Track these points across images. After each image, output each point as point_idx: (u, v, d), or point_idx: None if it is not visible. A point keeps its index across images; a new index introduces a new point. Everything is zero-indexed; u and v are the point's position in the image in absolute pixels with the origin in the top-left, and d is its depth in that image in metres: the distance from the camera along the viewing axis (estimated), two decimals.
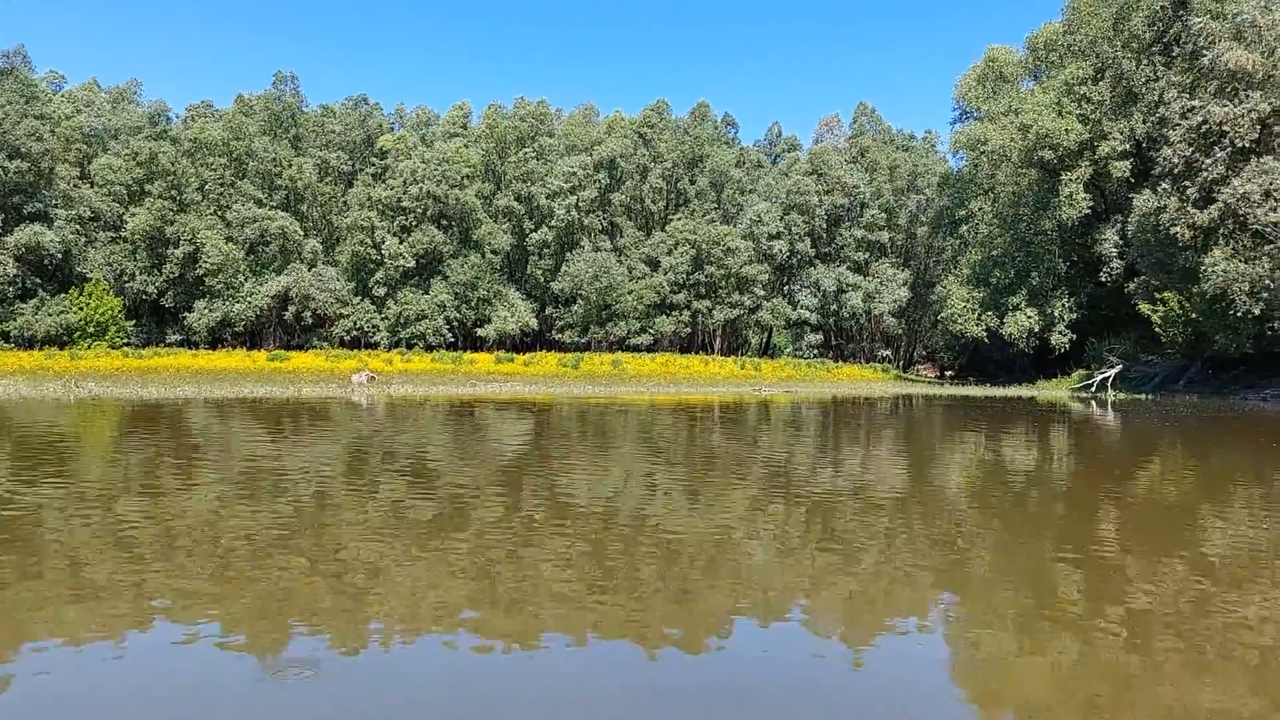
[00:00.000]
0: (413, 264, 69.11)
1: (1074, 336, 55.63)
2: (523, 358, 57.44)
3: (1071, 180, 52.43)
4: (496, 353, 60.69)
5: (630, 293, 70.51)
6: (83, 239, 64.75)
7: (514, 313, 70.64)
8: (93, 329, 60.44)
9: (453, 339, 70.47)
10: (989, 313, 57.81)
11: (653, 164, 76.27)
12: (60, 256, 61.71)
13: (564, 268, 70.80)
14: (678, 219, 74.14)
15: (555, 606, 6.63)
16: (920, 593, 7.15)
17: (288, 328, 71.29)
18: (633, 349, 69.60)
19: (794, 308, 75.71)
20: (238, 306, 66.88)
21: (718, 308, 72.74)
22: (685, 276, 72.12)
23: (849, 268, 76.40)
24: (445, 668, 5.49)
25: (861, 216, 77.41)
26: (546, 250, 72.79)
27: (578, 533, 9.28)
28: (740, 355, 74.83)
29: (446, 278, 69.78)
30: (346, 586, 7.14)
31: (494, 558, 8.15)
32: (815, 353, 77.41)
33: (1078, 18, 55.96)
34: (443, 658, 5.64)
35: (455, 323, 70.20)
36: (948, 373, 78.52)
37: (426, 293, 69.48)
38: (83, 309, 60.39)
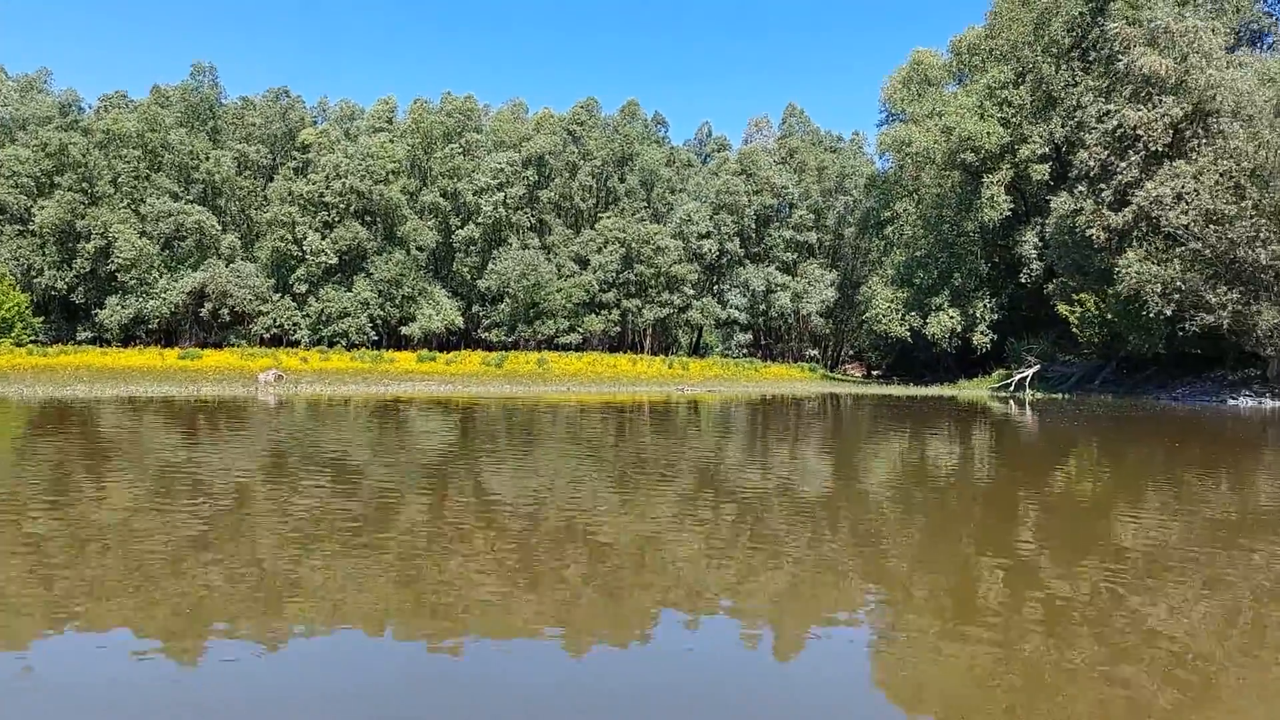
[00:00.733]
0: (335, 260, 67.48)
1: (995, 337, 56.31)
2: (444, 356, 56.30)
3: (993, 183, 53.01)
4: (419, 351, 59.46)
5: (559, 291, 69.75)
6: None
7: (439, 311, 69.42)
8: None
9: (377, 337, 69.06)
10: (913, 313, 58.26)
11: (582, 161, 75.60)
12: None
13: (491, 265, 69.76)
14: (607, 217, 73.57)
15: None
16: (845, 591, 7.20)
17: (205, 325, 69.27)
18: (561, 348, 68.90)
19: (723, 307, 75.69)
20: (152, 303, 64.73)
21: (647, 307, 72.33)
22: (615, 275, 71.59)
23: (778, 268, 76.58)
24: (369, 671, 5.37)
25: (790, 217, 77.65)
26: (473, 247, 71.70)
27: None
28: (671, 354, 74.56)
29: (370, 275, 68.28)
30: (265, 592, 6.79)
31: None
32: (745, 352, 77.53)
33: (999, 22, 56.63)
34: (366, 660, 5.55)
35: (379, 321, 68.74)
36: (875, 372, 79.17)
37: (349, 290, 67.91)
38: None
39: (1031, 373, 50.40)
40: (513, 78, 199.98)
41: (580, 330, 70.93)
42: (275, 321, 67.77)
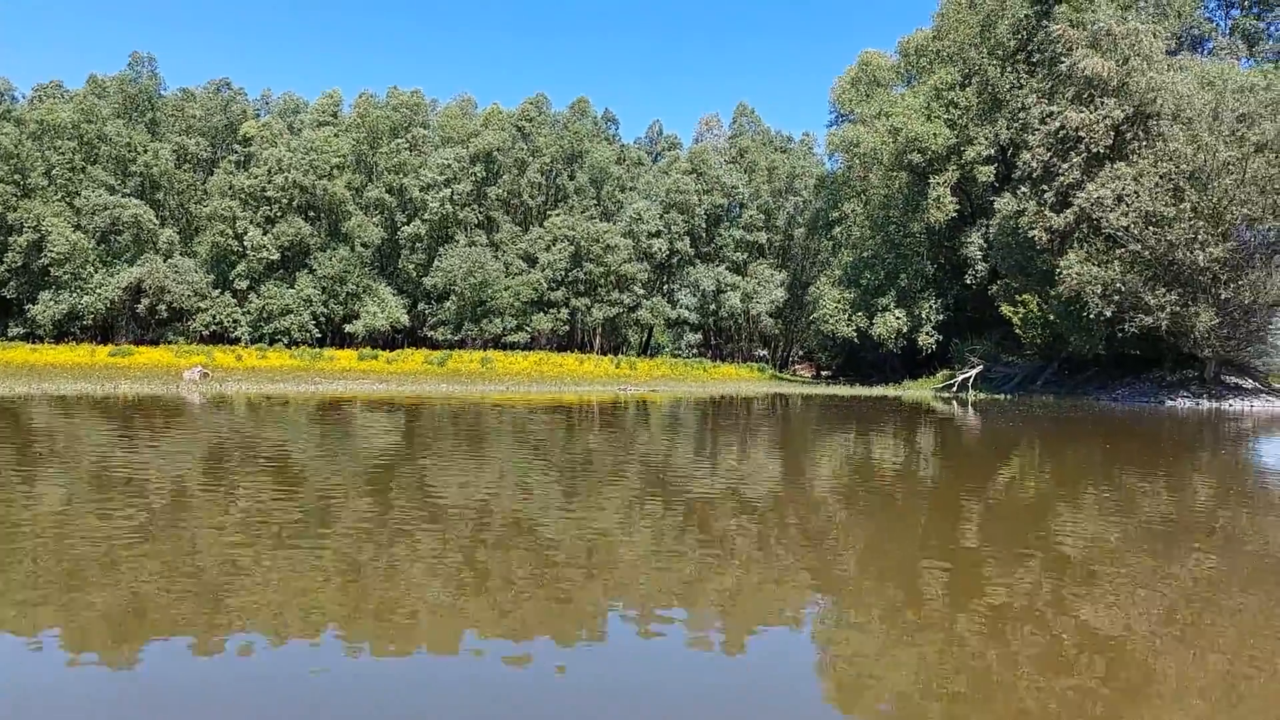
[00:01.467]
0: (277, 256, 66.05)
1: (941, 337, 56.39)
2: (386, 355, 55.18)
3: (939, 184, 53.05)
4: (361, 349, 58.28)
5: (506, 289, 68.88)
6: None
7: (384, 308, 68.25)
8: None
9: (320, 335, 67.73)
10: (859, 313, 58.20)
11: (531, 158, 74.77)
12: None
13: (437, 263, 68.66)
14: (556, 215, 72.82)
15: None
16: (791, 591, 7.19)
17: (142, 322, 67.56)
18: (509, 347, 68.05)
19: (674, 307, 75.28)
20: (86, 299, 62.99)
21: (596, 306, 71.68)
22: (563, 273, 70.86)
23: (728, 268, 76.35)
24: (312, 675, 5.20)
25: (740, 217, 77.48)
26: (419, 244, 70.57)
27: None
28: (621, 354, 74.00)
29: (313, 271, 66.94)
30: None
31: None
32: (695, 352, 77.19)
33: (946, 24, 56.80)
34: (309, 664, 5.35)
35: (322, 318, 67.42)
36: (824, 373, 79.20)
37: (292, 286, 66.52)
38: None
39: (974, 373, 50.51)
40: (461, 73, 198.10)
41: (528, 329, 70.12)
42: (215, 318, 66.16)
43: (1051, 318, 45.92)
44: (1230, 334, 42.50)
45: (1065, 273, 42.74)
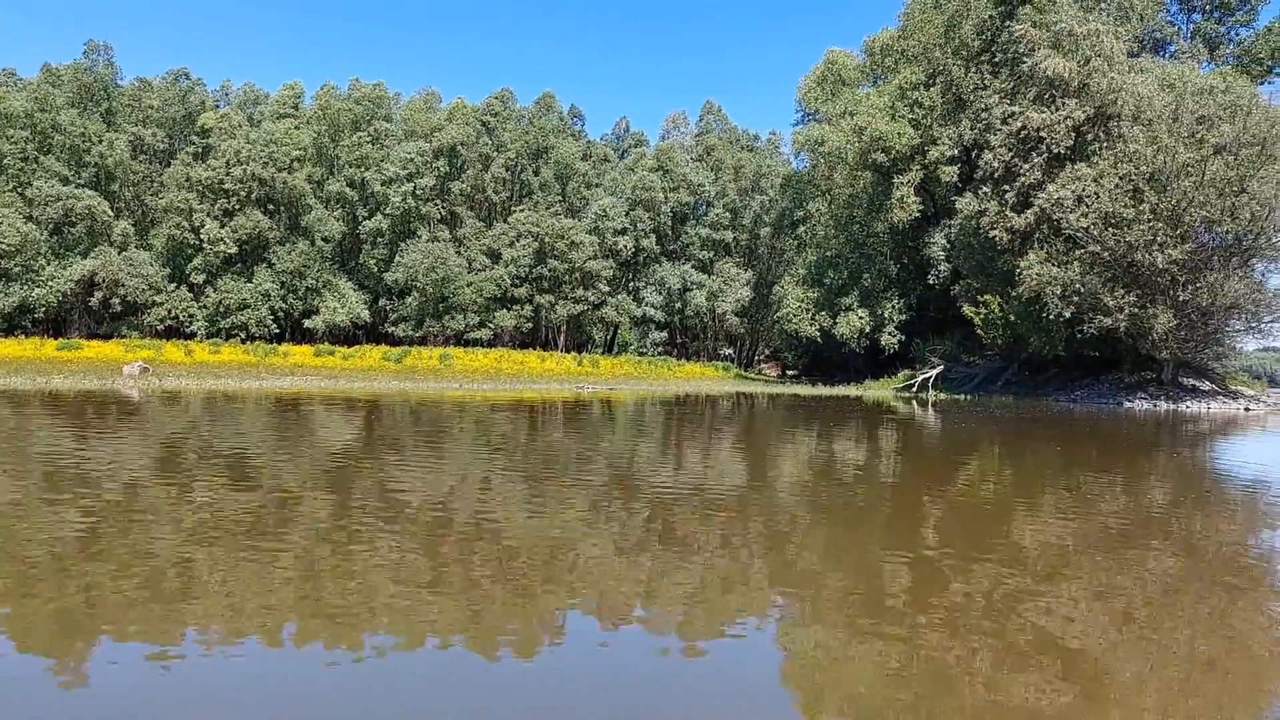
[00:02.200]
0: (235, 250, 64.79)
1: (903, 337, 56.22)
2: (342, 351, 54.21)
3: (903, 184, 52.84)
4: (319, 345, 57.26)
5: (469, 285, 68.05)
6: None
7: (344, 304, 67.21)
8: None
9: (279, 330, 66.60)
10: (823, 313, 57.95)
11: (495, 153, 73.97)
12: None
13: (399, 258, 67.67)
14: (521, 210, 72.06)
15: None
16: (753, 590, 7.10)
17: (95, 315, 66.05)
18: (472, 343, 67.26)
19: (639, 305, 74.80)
20: (38, 291, 61.39)
21: (561, 303, 71.05)
22: (527, 270, 70.17)
23: (694, 266, 75.98)
24: (267, 677, 5.06)
25: (707, 215, 77.13)
26: (381, 239, 69.56)
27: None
28: (586, 352, 73.41)
29: (272, 265, 65.78)
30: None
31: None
32: (660, 350, 76.71)
33: (912, 24, 56.63)
34: (265, 667, 5.19)
35: (281, 313, 66.28)
36: (790, 372, 79.04)
37: (249, 281, 65.36)
38: None
39: (935, 373, 50.38)
40: (426, 67, 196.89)
41: (491, 326, 69.35)
42: (170, 313, 64.85)
43: (1012, 318, 45.84)
44: (1188, 336, 42.56)
45: (1025, 273, 42.65)
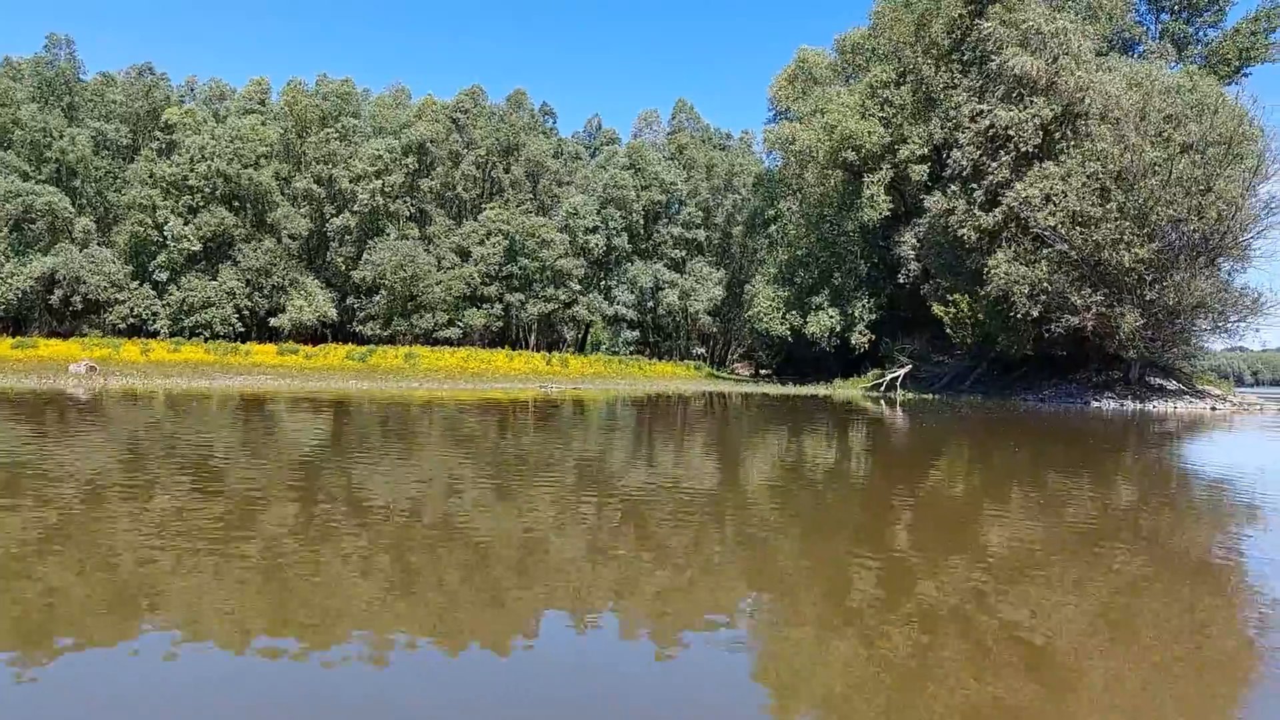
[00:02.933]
0: (199, 247, 63.75)
1: (874, 336, 55.96)
2: (306, 350, 53.42)
3: (874, 182, 52.57)
4: (283, 344, 56.39)
5: (438, 283, 67.29)
6: None
7: (311, 302, 66.26)
8: None
9: (244, 329, 65.60)
10: (794, 312, 57.65)
11: (466, 150, 73.27)
12: None
13: (367, 256, 66.81)
14: (491, 208, 71.33)
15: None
16: (724, 591, 6.99)
17: (56, 314, 64.87)
18: (441, 342, 66.52)
19: (610, 304, 74.18)
20: None
21: (531, 301, 70.41)
22: (498, 268, 69.51)
23: (666, 265, 75.51)
24: (231, 682, 4.86)
25: (679, 214, 76.69)
26: (348, 237, 68.65)
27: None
28: (558, 351, 72.79)
29: (237, 263, 64.78)
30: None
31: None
32: (632, 350, 76.14)
33: (882, 22, 56.25)
34: (230, 670, 5.00)
35: (246, 311, 65.29)
36: (764, 371, 78.71)
37: (214, 279, 64.33)
38: None
39: (903, 373, 50.14)
40: (395, 63, 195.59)
41: (460, 324, 68.61)
42: (133, 311, 63.79)
43: (980, 317, 45.61)
44: (1155, 335, 42.39)
45: (993, 272, 42.41)
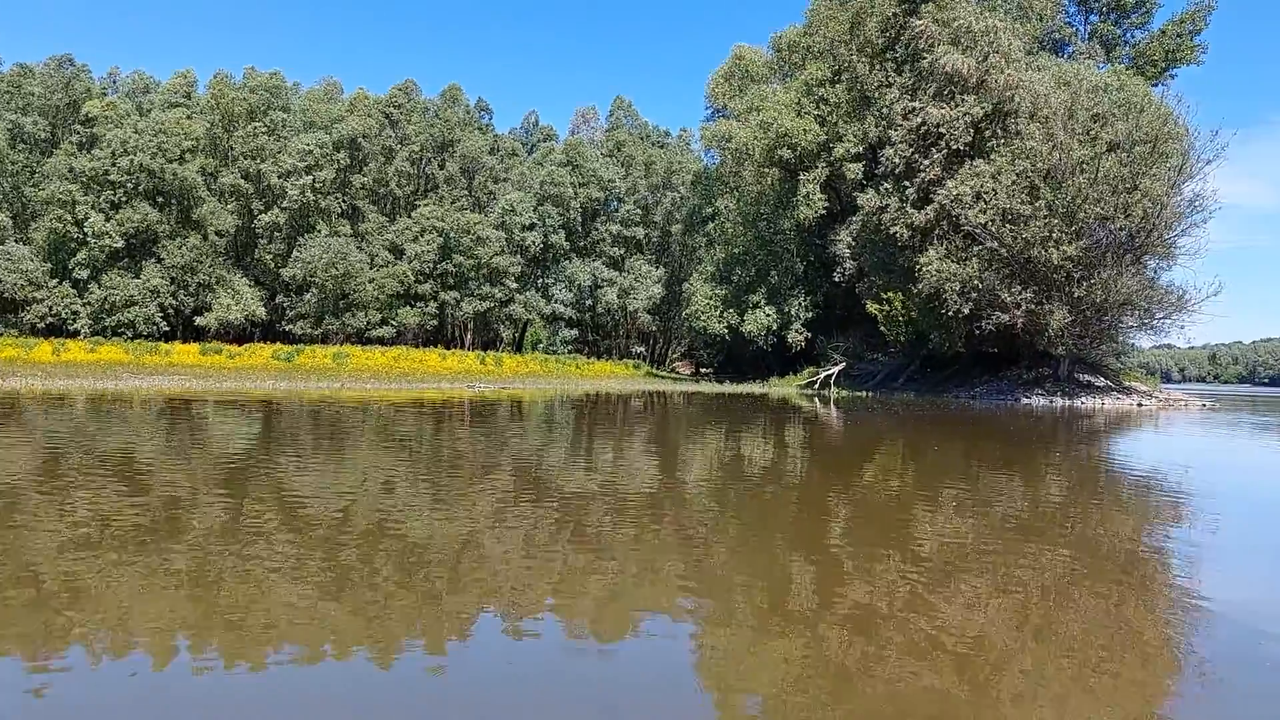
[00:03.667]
0: (121, 244, 61.62)
1: (810, 335, 55.93)
2: (230, 349, 51.83)
3: (809, 180, 52.51)
4: (207, 344, 54.70)
5: (371, 281, 65.98)
6: None
7: (239, 301, 64.47)
8: None
9: (169, 328, 63.66)
10: (731, 310, 57.43)
11: (399, 146, 71.94)
12: None
13: (296, 253, 65.22)
14: (425, 205, 70.13)
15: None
16: (661, 590, 6.94)
17: None
18: (374, 341, 65.19)
19: (548, 302, 73.40)
20: None
21: (467, 299, 69.38)
22: (432, 266, 68.36)
23: (605, 263, 74.92)
24: (159, 691, 4.67)
25: (617, 211, 76.17)
26: (278, 234, 66.96)
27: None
28: (494, 350, 71.81)
29: (161, 260, 62.77)
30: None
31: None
32: (570, 349, 75.41)
33: (817, 20, 56.28)
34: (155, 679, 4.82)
35: (171, 310, 63.34)
36: (704, 370, 78.49)
37: (137, 276, 62.27)
38: None
39: (837, 370, 50.15)
40: (326, 56, 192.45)
41: (394, 323, 67.36)
42: (52, 310, 61.48)
43: (913, 315, 45.72)
44: (1083, 332, 42.85)
45: (924, 269, 42.51)
